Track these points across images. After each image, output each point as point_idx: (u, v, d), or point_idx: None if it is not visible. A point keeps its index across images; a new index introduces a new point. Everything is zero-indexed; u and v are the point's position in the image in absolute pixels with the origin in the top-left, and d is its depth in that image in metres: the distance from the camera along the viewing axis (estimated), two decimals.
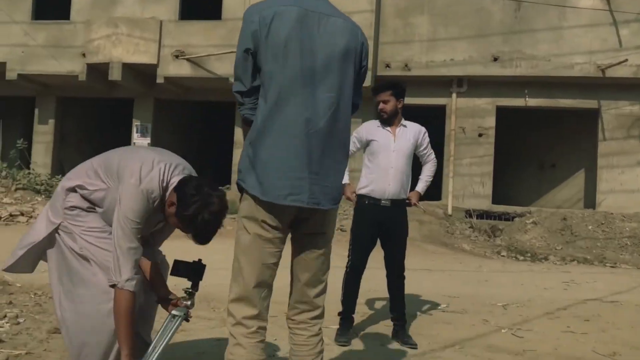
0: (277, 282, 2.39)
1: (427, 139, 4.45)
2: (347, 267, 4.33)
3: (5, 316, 4.04)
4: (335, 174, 2.33)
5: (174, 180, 2.64)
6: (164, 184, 2.63)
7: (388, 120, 4.31)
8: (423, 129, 4.44)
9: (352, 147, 4.31)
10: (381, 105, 4.29)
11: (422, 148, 4.45)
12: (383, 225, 4.25)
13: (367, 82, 14.86)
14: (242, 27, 2.31)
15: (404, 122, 4.37)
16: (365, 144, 4.37)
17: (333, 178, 2.32)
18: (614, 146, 12.95)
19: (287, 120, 2.23)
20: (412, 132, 4.37)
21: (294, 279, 2.41)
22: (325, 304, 2.43)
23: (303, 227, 2.33)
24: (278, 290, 2.54)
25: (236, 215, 2.41)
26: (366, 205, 4.26)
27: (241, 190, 2.30)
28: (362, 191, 4.30)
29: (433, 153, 4.53)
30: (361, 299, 4.44)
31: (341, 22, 2.34)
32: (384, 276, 4.43)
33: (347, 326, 4.28)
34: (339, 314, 4.32)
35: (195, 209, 2.50)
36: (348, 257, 4.34)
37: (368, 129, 4.38)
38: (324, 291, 2.42)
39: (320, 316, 2.41)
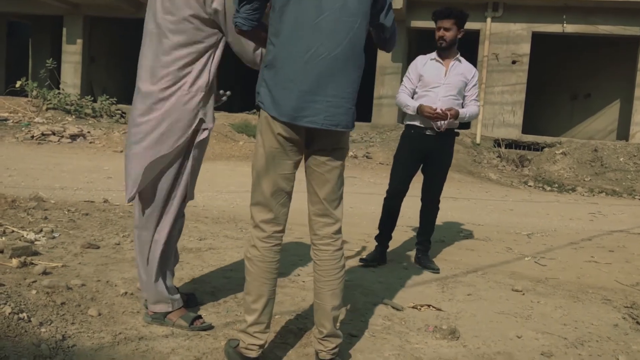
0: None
1: (475, 82, 4.31)
2: (386, 192, 4.35)
3: (41, 230, 4.17)
4: (350, 96, 2.36)
5: None
6: None
7: (445, 50, 4.20)
8: (475, 71, 4.33)
9: (408, 85, 4.24)
10: (441, 32, 4.15)
11: (467, 88, 4.32)
12: (428, 152, 4.24)
13: (399, 3, 14.20)
14: None
15: (459, 56, 4.26)
16: (418, 79, 4.28)
17: (347, 100, 2.34)
18: None
19: (305, 46, 2.25)
20: (464, 69, 4.25)
21: (311, 196, 2.46)
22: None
23: (317, 145, 2.38)
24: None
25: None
26: (412, 134, 4.25)
27: (259, 109, 2.38)
28: (410, 122, 4.26)
29: (478, 101, 4.38)
30: None
31: None
32: (415, 202, 4.44)
33: (376, 250, 4.35)
34: (376, 238, 4.39)
35: None
36: (389, 185, 4.35)
37: (420, 63, 4.27)
38: (341, 203, 2.47)
39: (340, 230, 2.47)
